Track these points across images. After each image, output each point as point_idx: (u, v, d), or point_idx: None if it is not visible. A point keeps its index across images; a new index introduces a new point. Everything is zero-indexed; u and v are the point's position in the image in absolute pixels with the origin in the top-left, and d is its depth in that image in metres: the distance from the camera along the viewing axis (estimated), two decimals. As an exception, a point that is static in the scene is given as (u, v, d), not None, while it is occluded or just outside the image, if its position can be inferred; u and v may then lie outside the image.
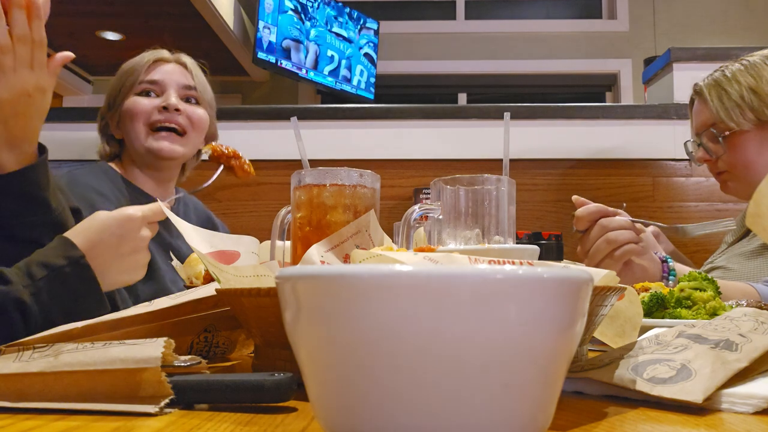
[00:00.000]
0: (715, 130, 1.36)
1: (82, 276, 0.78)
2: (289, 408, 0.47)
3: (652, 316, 0.88)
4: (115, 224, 0.82)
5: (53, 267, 0.77)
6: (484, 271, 0.32)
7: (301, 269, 0.35)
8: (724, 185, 1.42)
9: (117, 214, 0.83)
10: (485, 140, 2.29)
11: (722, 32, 4.82)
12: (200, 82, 1.50)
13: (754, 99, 1.31)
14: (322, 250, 0.67)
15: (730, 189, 1.41)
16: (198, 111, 1.46)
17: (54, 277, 0.76)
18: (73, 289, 0.78)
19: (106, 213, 0.83)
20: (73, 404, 0.45)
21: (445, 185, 0.76)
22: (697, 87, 1.42)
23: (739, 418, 0.44)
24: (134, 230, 0.84)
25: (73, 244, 0.79)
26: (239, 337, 0.76)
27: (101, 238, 0.81)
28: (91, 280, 0.79)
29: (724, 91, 1.35)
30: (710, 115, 1.37)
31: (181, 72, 1.48)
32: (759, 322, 0.58)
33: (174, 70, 1.48)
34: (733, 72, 1.36)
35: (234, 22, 4.11)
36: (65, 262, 0.78)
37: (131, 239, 0.84)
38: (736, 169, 1.36)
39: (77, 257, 0.78)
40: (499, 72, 5.16)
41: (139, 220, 0.84)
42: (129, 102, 1.43)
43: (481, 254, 0.64)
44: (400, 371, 0.31)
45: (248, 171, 0.88)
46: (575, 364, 0.56)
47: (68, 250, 0.79)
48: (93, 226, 0.82)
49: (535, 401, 0.34)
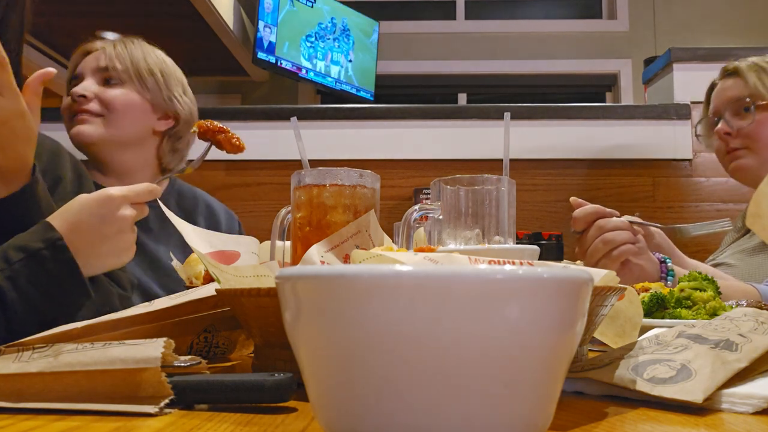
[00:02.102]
0: (749, 99, 1.39)
1: (59, 259, 0.77)
2: (289, 408, 0.47)
3: (652, 316, 0.88)
4: (95, 204, 0.80)
5: (30, 250, 0.75)
6: (484, 271, 0.32)
7: (301, 269, 0.35)
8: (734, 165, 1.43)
9: (96, 194, 0.81)
10: (485, 140, 2.29)
11: (722, 32, 4.81)
12: (124, 58, 1.40)
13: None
14: (322, 250, 0.67)
15: (741, 168, 1.42)
16: (112, 92, 1.38)
17: (31, 260, 0.75)
18: (52, 272, 0.76)
19: (86, 195, 0.81)
20: (73, 404, 0.45)
21: (445, 185, 0.76)
22: (731, 66, 1.46)
23: (739, 418, 0.44)
24: (114, 210, 0.81)
25: (51, 227, 0.78)
26: (239, 337, 0.76)
27: (80, 218, 0.79)
28: (69, 263, 0.77)
29: (763, 69, 1.40)
30: (744, 89, 1.40)
31: (95, 56, 1.41)
32: (759, 322, 0.58)
33: (92, 56, 1.41)
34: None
35: (234, 22, 4.11)
36: (43, 245, 0.76)
37: (113, 219, 0.81)
38: (756, 143, 1.39)
39: (54, 239, 0.77)
40: (498, 72, 5.16)
41: (119, 199, 0.81)
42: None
43: (481, 254, 0.64)
44: (400, 371, 0.31)
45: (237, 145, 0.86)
46: (575, 364, 0.56)
47: (46, 232, 0.77)
48: (72, 208, 0.80)
49: (535, 401, 0.34)
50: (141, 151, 1.45)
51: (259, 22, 3.69)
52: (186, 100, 1.49)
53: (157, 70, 1.43)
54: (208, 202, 1.58)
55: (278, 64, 3.83)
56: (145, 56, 1.43)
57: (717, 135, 1.44)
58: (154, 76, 1.43)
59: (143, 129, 1.43)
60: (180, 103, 1.47)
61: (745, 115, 1.39)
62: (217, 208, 1.59)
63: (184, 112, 1.47)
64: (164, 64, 1.46)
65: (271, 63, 3.79)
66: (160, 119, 1.46)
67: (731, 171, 1.44)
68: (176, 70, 1.50)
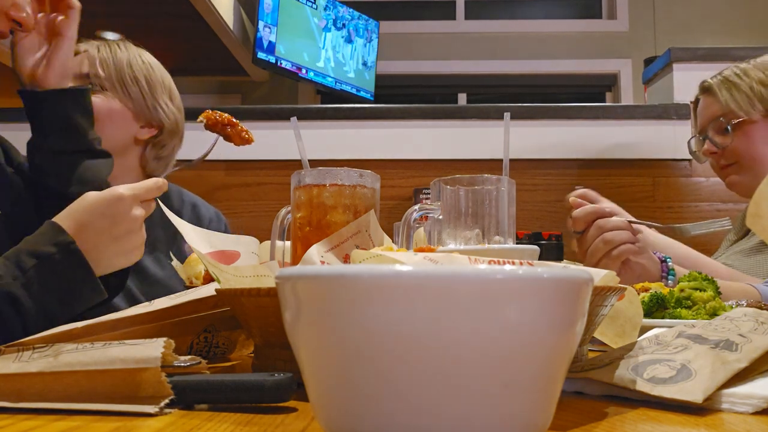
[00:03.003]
0: (723, 119, 1.38)
1: (73, 262, 0.76)
2: (289, 408, 0.47)
3: (652, 316, 0.88)
4: (105, 204, 0.79)
5: (42, 255, 0.74)
6: (484, 271, 0.32)
7: (301, 269, 0.35)
8: (728, 180, 1.43)
9: (106, 194, 0.80)
10: (485, 140, 2.29)
11: (722, 32, 4.81)
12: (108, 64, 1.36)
13: (764, 91, 1.35)
14: (322, 250, 0.67)
15: (735, 183, 1.42)
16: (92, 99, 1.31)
17: (44, 265, 0.74)
18: (65, 276, 0.75)
19: (95, 193, 0.80)
20: (73, 404, 0.45)
21: (445, 185, 0.76)
22: (705, 84, 1.45)
23: (739, 418, 0.44)
24: (125, 210, 0.80)
25: (62, 229, 0.77)
26: (239, 337, 0.76)
27: (90, 220, 0.78)
28: (83, 266, 0.76)
29: (734, 84, 1.38)
30: (719, 107, 1.39)
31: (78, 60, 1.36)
32: (759, 322, 0.58)
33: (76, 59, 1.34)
34: (742, 69, 1.40)
35: (234, 22, 4.11)
36: (54, 249, 0.75)
37: (123, 220, 0.79)
38: (743, 159, 1.38)
39: (66, 243, 0.76)
40: (498, 72, 5.16)
41: (129, 199, 0.80)
42: None
43: (481, 254, 0.64)
44: (400, 371, 0.31)
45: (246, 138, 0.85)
46: (575, 364, 0.56)
47: (57, 235, 0.76)
48: (81, 208, 0.79)
49: (535, 401, 0.34)
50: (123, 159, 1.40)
51: (259, 22, 3.69)
52: (172, 109, 1.44)
53: (141, 77, 1.39)
54: (195, 203, 1.55)
55: (278, 64, 3.83)
56: (130, 62, 1.38)
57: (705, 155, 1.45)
58: (138, 83, 1.38)
59: (124, 138, 1.38)
60: (165, 112, 1.42)
61: (725, 134, 1.39)
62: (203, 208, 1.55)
63: (168, 121, 1.43)
64: (150, 71, 1.41)
65: (271, 63, 3.79)
66: (142, 127, 1.41)
67: (727, 186, 1.46)
68: (164, 76, 1.45)
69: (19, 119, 0.93)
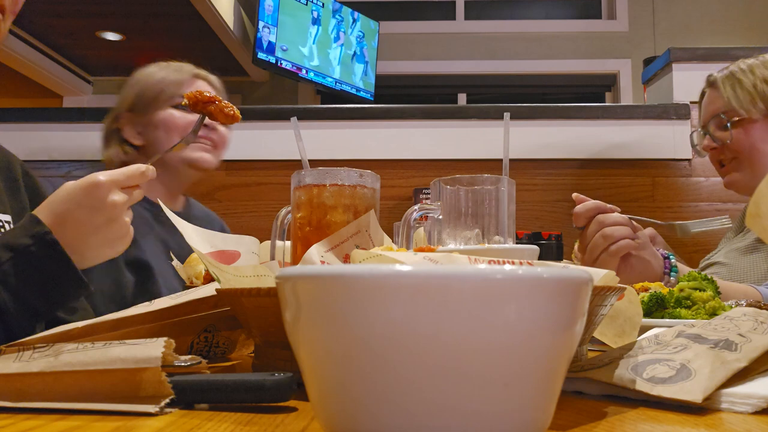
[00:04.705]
0: (724, 116, 1.38)
1: (50, 254, 0.73)
2: (289, 408, 0.47)
3: (651, 316, 0.88)
4: (81, 193, 0.76)
5: (17, 248, 0.72)
6: (484, 271, 0.32)
7: (301, 269, 0.35)
8: (726, 179, 1.43)
9: (82, 182, 0.77)
10: (485, 140, 2.29)
11: (722, 32, 4.81)
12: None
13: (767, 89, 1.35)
14: (322, 250, 0.67)
15: (733, 182, 1.42)
16: (222, 129, 1.51)
17: (20, 258, 0.71)
18: (43, 268, 0.73)
19: (72, 182, 0.77)
20: (73, 404, 0.45)
21: (445, 185, 0.76)
22: (711, 78, 1.46)
23: (739, 417, 0.44)
24: (102, 197, 0.76)
25: (38, 220, 0.74)
26: (239, 337, 0.76)
27: (68, 208, 0.75)
28: (60, 257, 0.73)
29: (738, 80, 1.39)
30: (721, 103, 1.40)
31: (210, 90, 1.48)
32: (758, 321, 0.58)
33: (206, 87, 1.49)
34: (748, 65, 1.40)
35: (234, 23, 4.11)
36: (30, 241, 0.72)
37: (102, 207, 0.76)
38: (740, 155, 1.38)
39: (42, 233, 0.73)
40: (498, 72, 5.16)
41: (107, 185, 0.76)
42: (166, 114, 1.44)
43: (481, 254, 0.64)
44: (400, 371, 0.31)
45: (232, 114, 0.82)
46: (575, 364, 0.56)
47: (33, 227, 0.73)
48: (59, 199, 0.76)
49: (535, 401, 0.34)
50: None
51: (259, 23, 3.69)
52: None
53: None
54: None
55: (278, 64, 3.83)
56: None
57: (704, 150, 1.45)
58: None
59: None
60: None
61: (725, 130, 1.39)
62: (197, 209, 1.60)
63: None
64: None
65: (271, 63, 3.79)
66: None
67: (726, 185, 1.46)
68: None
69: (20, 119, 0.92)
